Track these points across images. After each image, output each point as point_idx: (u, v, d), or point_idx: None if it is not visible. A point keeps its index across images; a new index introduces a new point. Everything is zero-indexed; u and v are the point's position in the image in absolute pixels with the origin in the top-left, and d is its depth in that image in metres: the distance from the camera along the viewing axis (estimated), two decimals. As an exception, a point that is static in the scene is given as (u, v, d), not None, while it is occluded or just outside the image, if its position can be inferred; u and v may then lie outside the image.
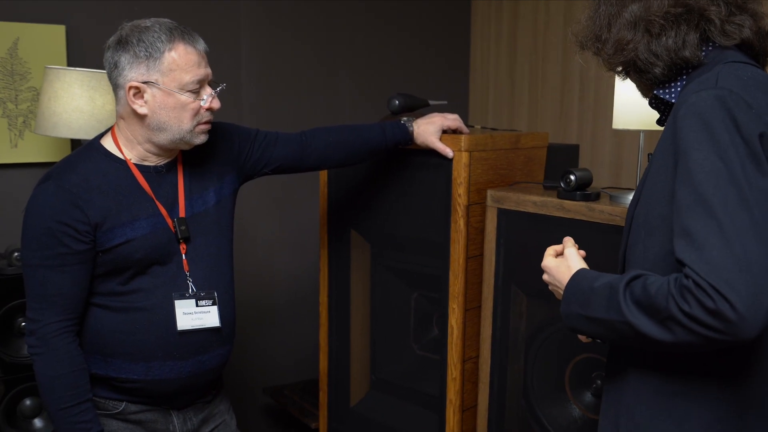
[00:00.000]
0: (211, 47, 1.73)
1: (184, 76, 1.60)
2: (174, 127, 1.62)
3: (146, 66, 1.58)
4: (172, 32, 1.60)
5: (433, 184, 2.12)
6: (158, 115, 1.61)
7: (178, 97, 1.60)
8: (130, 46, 1.59)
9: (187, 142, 1.66)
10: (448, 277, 2.10)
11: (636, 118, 1.76)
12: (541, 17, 3.30)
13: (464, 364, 2.13)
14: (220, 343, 1.74)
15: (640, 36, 1.24)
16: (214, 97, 1.67)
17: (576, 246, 1.41)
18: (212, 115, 1.69)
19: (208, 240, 1.74)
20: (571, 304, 1.26)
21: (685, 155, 1.11)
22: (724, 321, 1.03)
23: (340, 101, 3.34)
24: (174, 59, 1.59)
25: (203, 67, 1.64)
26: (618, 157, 3.02)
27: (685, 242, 1.07)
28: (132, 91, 1.60)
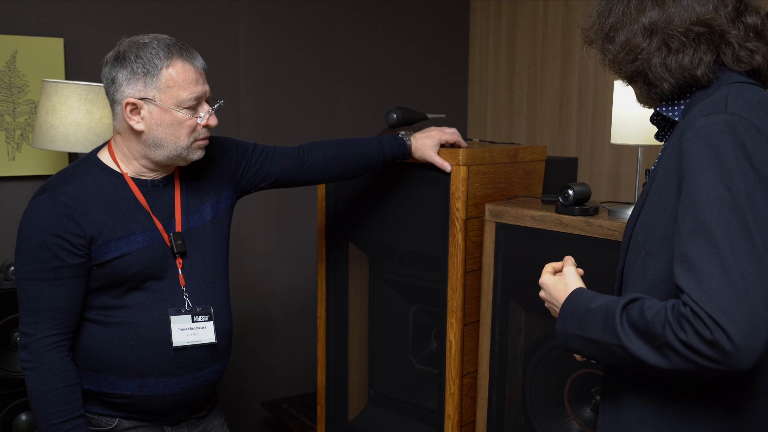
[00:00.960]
0: (209, 60, 1.73)
1: (181, 93, 1.59)
2: (171, 143, 1.61)
3: (143, 82, 1.58)
4: (170, 49, 1.59)
5: (431, 198, 2.11)
6: (155, 131, 1.60)
7: (175, 114, 1.60)
8: (128, 62, 1.58)
9: (183, 159, 1.66)
10: (447, 291, 2.09)
11: (634, 133, 1.76)
12: (540, 29, 3.31)
13: (463, 378, 2.12)
14: (215, 359, 1.73)
15: (655, 47, 1.21)
16: (212, 114, 1.66)
17: (575, 265, 1.39)
18: (209, 131, 1.68)
19: (205, 255, 1.73)
20: (567, 323, 1.25)
21: (690, 180, 1.09)
22: (721, 351, 1.02)
23: (339, 114, 3.34)
24: (171, 76, 1.58)
25: (201, 84, 1.63)
26: (616, 170, 3.01)
27: (684, 269, 1.06)
28: (129, 107, 1.59)
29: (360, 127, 3.35)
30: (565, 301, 1.28)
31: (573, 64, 3.18)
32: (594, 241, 1.80)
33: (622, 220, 1.79)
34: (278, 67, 3.16)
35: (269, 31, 3.11)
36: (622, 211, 1.84)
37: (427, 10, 3.55)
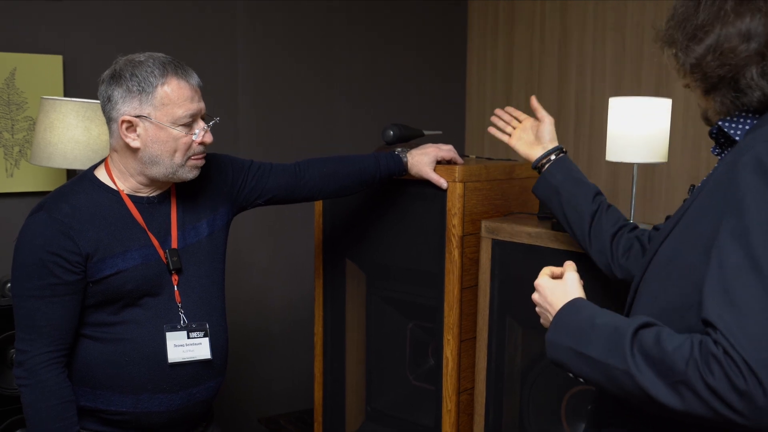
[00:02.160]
0: (208, 76, 1.74)
1: (176, 110, 1.60)
2: (166, 160, 1.62)
3: (139, 100, 1.59)
4: (166, 67, 1.61)
5: (427, 215, 2.12)
6: (150, 148, 1.61)
7: (171, 131, 1.60)
8: (124, 80, 1.60)
9: (179, 177, 1.66)
10: (443, 307, 2.09)
11: (629, 150, 1.77)
12: (537, 48, 3.33)
13: (459, 395, 2.12)
14: (211, 375, 1.72)
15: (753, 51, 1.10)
16: (207, 131, 1.67)
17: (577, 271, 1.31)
18: (205, 149, 1.69)
19: (201, 271, 1.73)
20: (561, 333, 1.16)
21: (742, 210, 0.99)
22: (751, 405, 0.92)
23: (337, 129, 3.35)
24: (167, 93, 1.59)
25: (196, 101, 1.64)
26: (613, 186, 3.02)
27: (722, 304, 0.95)
28: (125, 125, 1.60)
29: (357, 142, 3.36)
30: (561, 308, 1.19)
31: (569, 82, 3.19)
32: (589, 258, 1.80)
33: (617, 236, 1.80)
34: (277, 83, 3.17)
35: (267, 47, 3.13)
36: (618, 227, 1.84)
37: (425, 28, 3.57)
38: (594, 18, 3.07)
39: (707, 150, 2.71)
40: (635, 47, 2.93)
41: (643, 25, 2.89)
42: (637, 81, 2.92)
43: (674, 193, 2.82)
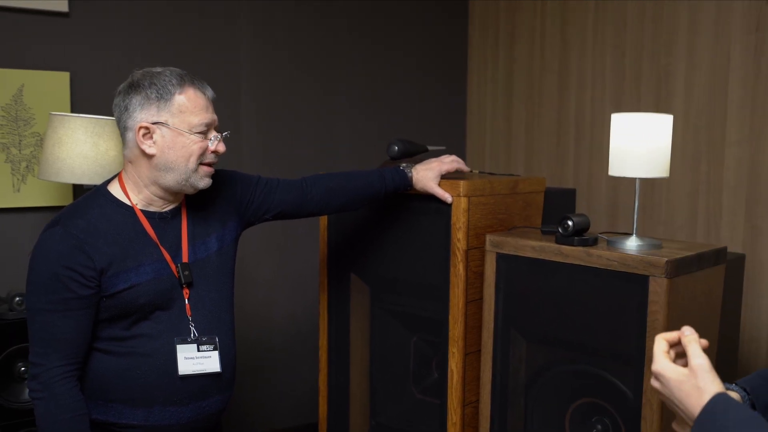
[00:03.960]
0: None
1: (192, 118, 1.64)
2: (181, 166, 1.65)
3: (157, 107, 1.63)
4: (183, 78, 1.66)
5: (432, 229, 2.14)
6: (166, 154, 1.64)
7: (187, 136, 1.64)
8: (142, 88, 1.64)
9: (191, 185, 1.69)
10: (448, 321, 2.12)
11: (632, 165, 1.80)
12: (537, 64, 3.37)
13: (464, 408, 2.13)
14: (220, 389, 1.74)
15: None
16: (220, 140, 1.71)
17: (698, 339, 1.09)
18: (216, 158, 1.72)
19: (210, 285, 1.76)
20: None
21: None
22: None
23: (339, 145, 3.39)
24: (184, 102, 1.64)
25: (210, 112, 1.69)
26: (614, 200, 3.05)
27: None
28: (141, 131, 1.64)
29: (359, 157, 3.40)
30: (703, 415, 1.00)
31: (570, 97, 3.23)
32: (594, 271, 1.82)
33: (621, 250, 1.82)
34: (279, 98, 3.21)
35: (270, 63, 3.17)
36: (621, 241, 1.87)
37: (426, 43, 3.62)
38: (594, 35, 3.11)
39: (706, 164, 2.74)
40: (635, 63, 2.97)
41: (643, 42, 2.93)
42: (636, 97, 2.96)
43: (674, 207, 2.86)
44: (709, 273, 1.87)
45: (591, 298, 1.85)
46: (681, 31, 2.80)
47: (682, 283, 1.75)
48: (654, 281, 1.71)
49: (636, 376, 1.78)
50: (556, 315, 1.93)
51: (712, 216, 2.73)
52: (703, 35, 2.73)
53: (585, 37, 3.15)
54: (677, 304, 1.74)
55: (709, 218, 2.74)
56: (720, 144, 2.69)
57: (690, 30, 2.78)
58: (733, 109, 2.65)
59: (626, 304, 1.78)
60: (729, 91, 2.66)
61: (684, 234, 2.79)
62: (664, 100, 2.86)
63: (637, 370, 1.77)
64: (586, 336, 1.88)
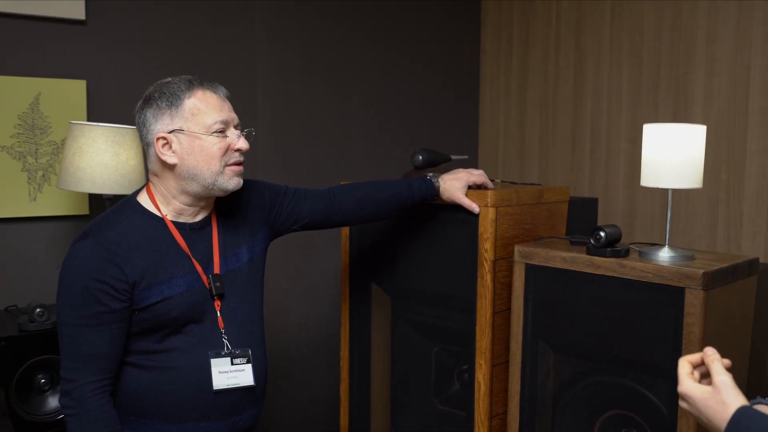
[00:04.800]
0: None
1: (206, 118, 1.62)
2: (204, 171, 1.63)
3: (170, 115, 1.62)
4: (191, 82, 1.65)
5: (458, 239, 2.13)
6: (187, 161, 1.62)
7: (204, 138, 1.62)
8: (153, 100, 1.64)
9: (220, 188, 1.66)
10: (475, 332, 2.10)
11: (665, 176, 1.78)
12: (551, 71, 3.36)
13: (492, 420, 2.12)
14: (253, 403, 1.72)
15: None
16: (241, 137, 1.68)
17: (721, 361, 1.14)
18: (241, 156, 1.69)
19: (242, 297, 1.74)
20: None
21: None
22: None
23: (353, 150, 3.37)
24: (195, 104, 1.62)
25: (226, 110, 1.66)
26: (631, 210, 3.04)
27: None
28: (160, 143, 1.62)
29: (372, 164, 3.38)
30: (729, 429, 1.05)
31: (585, 104, 3.22)
32: (627, 283, 1.81)
33: (653, 261, 1.81)
34: (294, 107, 3.19)
35: (286, 70, 3.15)
36: (653, 252, 1.86)
37: (439, 51, 3.61)
38: (610, 42, 3.11)
39: (726, 173, 2.73)
40: (652, 72, 2.96)
41: (660, 50, 2.93)
42: (654, 105, 2.96)
43: (693, 216, 2.84)
44: (743, 284, 1.86)
45: (623, 310, 1.84)
46: (699, 38, 2.80)
47: (717, 295, 1.74)
48: (690, 293, 1.70)
49: (672, 388, 1.76)
50: (586, 326, 1.92)
51: (733, 226, 2.72)
52: (723, 43, 2.73)
53: (601, 44, 3.14)
54: (713, 317, 1.72)
55: (729, 228, 2.73)
56: (741, 153, 2.68)
57: (709, 38, 2.77)
58: (755, 118, 2.65)
59: (661, 316, 1.77)
60: (750, 99, 2.65)
61: (703, 244, 2.78)
62: (682, 109, 2.85)
63: (673, 382, 1.76)
64: (617, 347, 1.87)
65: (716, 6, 2.74)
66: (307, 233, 3.05)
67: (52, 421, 2.23)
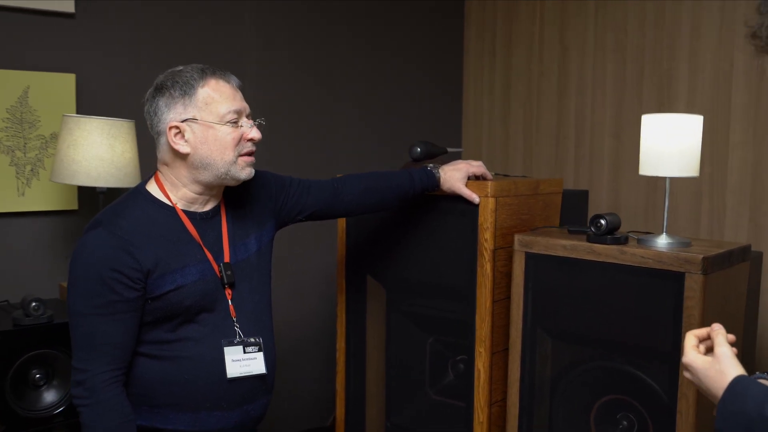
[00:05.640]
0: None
1: (220, 107, 1.62)
2: (217, 160, 1.63)
3: (183, 104, 1.61)
4: (204, 71, 1.64)
5: (457, 230, 2.16)
6: (200, 150, 1.62)
7: (218, 128, 1.62)
8: (166, 89, 1.63)
9: (232, 177, 1.66)
10: (474, 321, 2.13)
11: (664, 164, 1.84)
12: (535, 67, 3.41)
13: (491, 407, 2.15)
14: (264, 391, 1.73)
15: None
16: (254, 127, 1.68)
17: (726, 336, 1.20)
18: (254, 146, 1.69)
19: (252, 287, 1.74)
20: (731, 424, 1.08)
21: None
22: None
23: (340, 146, 3.39)
24: (208, 93, 1.62)
25: (239, 100, 1.67)
26: (616, 202, 3.11)
27: None
28: (173, 131, 1.62)
29: (359, 160, 3.40)
30: (724, 395, 1.10)
31: (569, 101, 3.28)
32: (627, 269, 1.86)
33: (652, 248, 1.86)
34: (282, 103, 3.20)
35: (274, 66, 3.16)
36: (652, 239, 1.91)
37: (425, 50, 3.64)
38: (594, 39, 3.17)
39: (710, 166, 2.81)
40: (636, 68, 3.03)
41: (644, 46, 3.00)
42: (638, 102, 3.03)
43: (676, 207, 2.92)
44: (738, 270, 1.93)
45: (623, 296, 1.88)
46: (683, 35, 2.88)
47: (715, 279, 1.79)
48: (690, 278, 1.75)
49: (671, 371, 1.81)
50: (585, 313, 1.97)
51: (716, 216, 2.80)
52: (706, 39, 2.81)
53: (585, 41, 3.21)
54: (711, 300, 1.78)
55: (713, 219, 2.81)
56: (724, 147, 2.76)
57: (692, 34, 2.85)
58: (737, 112, 2.73)
59: (661, 300, 1.82)
60: (732, 94, 2.74)
61: (688, 235, 2.86)
62: (666, 105, 2.92)
63: (673, 365, 1.81)
64: (617, 333, 1.91)
65: (699, 3, 2.82)
66: (303, 225, 3.07)
67: (47, 417, 2.20)
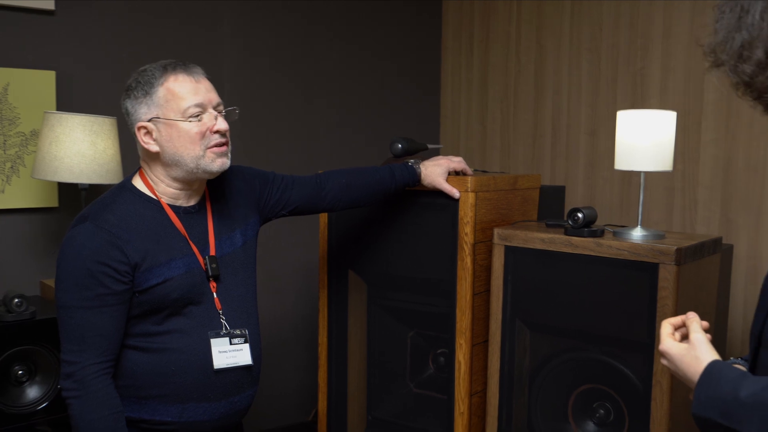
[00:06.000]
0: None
1: (180, 103, 1.63)
2: (185, 156, 1.64)
3: (146, 104, 1.64)
4: (165, 67, 1.66)
5: (437, 224, 2.20)
6: (168, 148, 1.64)
7: (181, 124, 1.63)
8: (131, 90, 1.66)
9: (204, 170, 1.66)
10: (455, 313, 2.17)
11: (638, 159, 1.89)
12: (512, 66, 3.47)
13: (471, 398, 2.19)
14: (250, 382, 1.75)
15: None
16: (219, 117, 1.68)
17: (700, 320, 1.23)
18: (223, 137, 1.69)
19: (237, 280, 1.77)
20: (707, 408, 1.09)
21: None
22: None
23: (319, 145, 3.42)
24: (168, 90, 1.64)
25: (201, 92, 1.66)
26: (591, 198, 3.17)
27: None
28: (142, 131, 1.65)
29: (338, 158, 3.44)
30: (700, 379, 1.13)
31: (546, 99, 3.34)
32: (604, 261, 1.91)
33: (628, 240, 1.92)
34: (260, 101, 3.22)
35: (252, 65, 3.18)
36: (627, 232, 1.96)
37: (404, 49, 3.69)
38: (570, 39, 3.23)
39: (682, 162, 2.88)
40: (610, 68, 3.10)
41: (618, 46, 3.07)
42: (612, 100, 3.09)
43: (650, 202, 2.98)
44: (709, 261, 1.99)
45: (600, 287, 1.94)
46: (656, 35, 2.95)
47: (688, 270, 1.85)
48: (664, 268, 1.81)
49: (646, 359, 1.87)
50: (563, 304, 2.02)
51: (688, 210, 2.87)
52: (678, 39, 2.88)
53: (561, 41, 3.27)
54: (685, 290, 1.84)
55: (685, 212, 2.88)
56: (695, 144, 2.83)
57: (665, 34, 2.92)
58: (708, 110, 2.80)
59: (636, 291, 1.87)
60: (704, 93, 2.81)
61: (660, 227, 2.93)
62: (639, 103, 2.99)
63: (647, 354, 1.87)
64: (593, 324, 1.97)
65: (671, 4, 2.89)
66: (281, 222, 3.09)
67: (30, 413, 2.21)
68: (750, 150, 2.71)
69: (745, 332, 2.73)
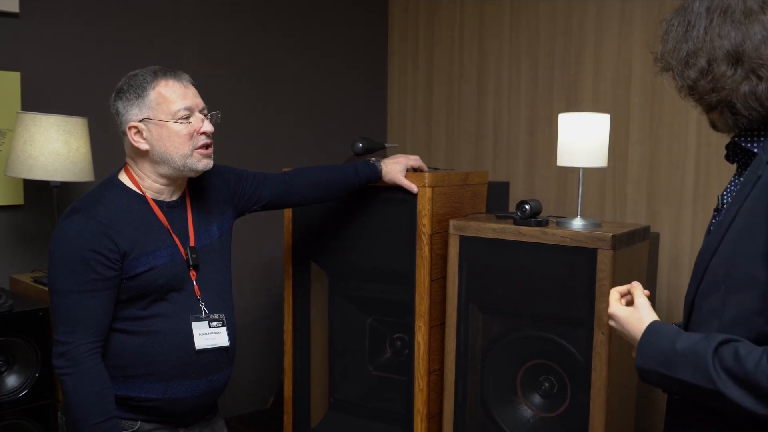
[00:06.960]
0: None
1: (171, 106, 1.79)
2: (174, 154, 1.80)
3: (138, 106, 1.78)
4: (156, 72, 1.81)
5: (396, 217, 2.39)
6: (158, 147, 1.79)
7: (171, 126, 1.79)
8: (123, 92, 1.80)
9: (191, 169, 1.82)
10: (414, 298, 2.37)
11: (578, 156, 2.12)
12: (456, 70, 3.69)
13: (429, 376, 2.39)
14: (227, 363, 1.91)
15: (742, 75, 1.17)
16: (206, 120, 1.85)
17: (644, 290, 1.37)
18: (208, 139, 1.86)
19: (215, 269, 1.92)
20: (648, 360, 1.22)
21: None
22: None
23: (275, 146, 3.56)
24: (159, 93, 1.79)
25: (190, 96, 1.83)
26: (531, 193, 3.42)
27: None
28: (132, 131, 1.79)
29: (293, 158, 3.59)
30: (642, 336, 1.26)
31: (487, 102, 3.58)
32: (549, 248, 2.14)
33: (569, 228, 2.15)
34: (217, 102, 3.34)
35: (210, 68, 3.29)
36: (568, 222, 2.19)
37: (353, 51, 3.86)
38: (509, 45, 3.48)
39: (612, 160, 3.15)
40: (547, 72, 3.35)
41: (554, 52, 3.32)
42: (549, 102, 3.35)
43: (584, 196, 3.24)
44: (640, 247, 2.24)
45: (545, 272, 2.16)
46: (588, 43, 3.21)
47: (622, 254, 2.09)
48: (602, 253, 2.05)
49: (587, 333, 2.10)
50: (513, 288, 2.23)
51: (618, 203, 3.15)
52: (608, 47, 3.15)
53: (501, 47, 3.50)
54: (620, 273, 2.08)
55: (616, 205, 3.16)
56: (624, 143, 3.11)
57: (596, 43, 3.19)
58: (635, 112, 3.08)
59: (577, 274, 2.10)
60: (631, 96, 3.09)
61: (595, 218, 3.19)
62: (573, 105, 3.25)
63: (588, 328, 2.10)
64: (540, 305, 2.19)
65: (602, 14, 3.16)
66: (252, 215, 3.23)
67: (9, 401, 2.29)
68: (672, 149, 3.00)
69: (668, 311, 3.02)
